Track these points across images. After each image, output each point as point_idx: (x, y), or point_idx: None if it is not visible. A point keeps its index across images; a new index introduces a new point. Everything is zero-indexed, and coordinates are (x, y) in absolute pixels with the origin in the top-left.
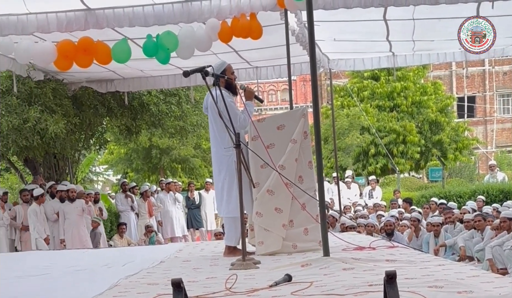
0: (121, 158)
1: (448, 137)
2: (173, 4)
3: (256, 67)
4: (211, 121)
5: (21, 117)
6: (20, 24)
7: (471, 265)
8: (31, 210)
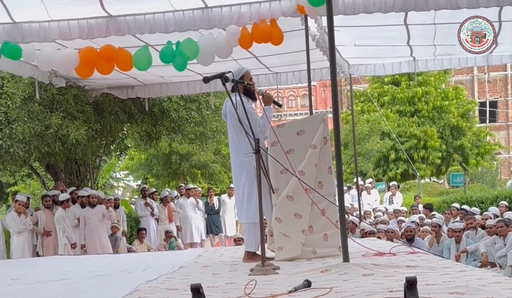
0: (141, 163)
1: (469, 143)
2: (194, 10)
3: (276, 73)
4: (230, 128)
5: (43, 123)
6: (42, 31)
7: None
8: (59, 215)
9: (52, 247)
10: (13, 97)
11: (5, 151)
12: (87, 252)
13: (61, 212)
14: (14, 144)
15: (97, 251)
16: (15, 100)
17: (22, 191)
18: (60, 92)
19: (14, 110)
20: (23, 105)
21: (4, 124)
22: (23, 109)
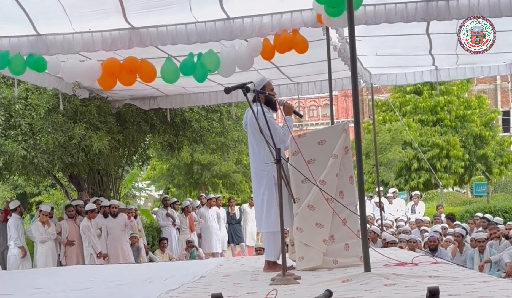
0: (163, 173)
1: (493, 152)
2: (215, 22)
3: (297, 83)
4: (251, 137)
5: (66, 134)
6: (66, 43)
7: None
8: (84, 225)
9: (75, 256)
10: (38, 109)
11: (29, 162)
12: (110, 262)
13: (87, 222)
14: (38, 155)
15: (119, 261)
16: (39, 111)
17: (45, 201)
18: (84, 103)
19: (38, 122)
20: (47, 117)
21: (28, 135)
22: (47, 120)
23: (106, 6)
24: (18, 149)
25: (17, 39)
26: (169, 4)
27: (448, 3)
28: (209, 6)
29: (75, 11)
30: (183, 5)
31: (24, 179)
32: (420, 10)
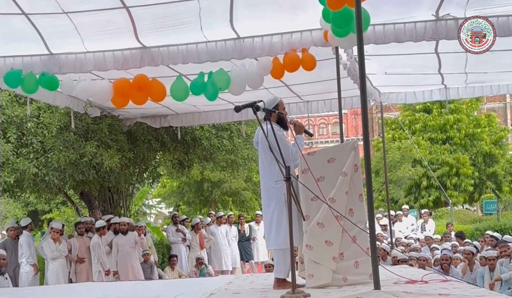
0: (173, 191)
1: (503, 170)
2: (226, 41)
3: (307, 101)
4: (261, 155)
5: (78, 152)
6: (78, 62)
7: None
8: (94, 242)
9: (85, 273)
10: (49, 127)
11: (41, 179)
12: (120, 279)
13: (97, 239)
14: (50, 172)
15: (129, 278)
16: (51, 129)
17: (56, 218)
18: (95, 121)
19: (50, 140)
20: (59, 135)
21: (40, 153)
22: (59, 138)
23: (118, 26)
24: (29, 167)
25: (30, 58)
26: (180, 24)
27: (457, 23)
28: (220, 26)
29: (87, 31)
30: (194, 25)
31: (36, 196)
32: (429, 30)
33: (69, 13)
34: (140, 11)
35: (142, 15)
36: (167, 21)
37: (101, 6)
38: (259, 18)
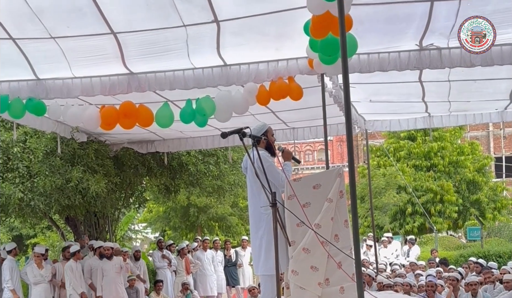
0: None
1: (486, 197)
2: (213, 68)
3: (293, 128)
4: (251, 181)
5: (64, 177)
6: (65, 87)
7: None
8: (68, 266)
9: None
10: (36, 152)
11: (26, 204)
12: None
13: (70, 263)
14: (35, 197)
15: None
16: (37, 154)
17: (41, 243)
18: (82, 146)
19: (36, 164)
20: (45, 160)
21: (26, 178)
22: (45, 163)
23: (105, 51)
24: (15, 191)
25: (17, 84)
26: (167, 51)
27: (440, 52)
28: (207, 53)
29: (74, 56)
30: (182, 52)
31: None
32: (413, 59)
33: (56, 38)
34: (127, 37)
35: (129, 41)
36: (154, 48)
37: (89, 32)
38: (245, 46)
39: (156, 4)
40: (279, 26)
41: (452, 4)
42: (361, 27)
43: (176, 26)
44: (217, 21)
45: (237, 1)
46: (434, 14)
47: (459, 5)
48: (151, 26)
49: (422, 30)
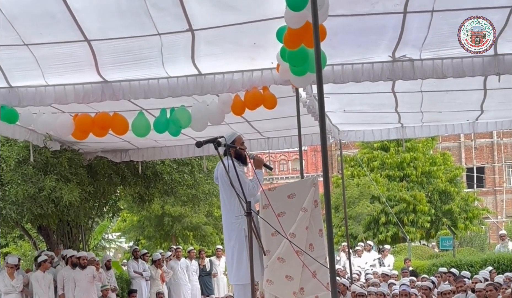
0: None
1: (458, 207)
2: (187, 77)
3: (267, 138)
4: (222, 190)
5: (36, 186)
6: (38, 95)
7: None
8: (34, 276)
9: None
10: (8, 160)
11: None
12: None
13: (37, 273)
14: (7, 206)
15: None
16: (9, 163)
17: (13, 252)
18: (55, 155)
19: (8, 173)
20: (17, 168)
21: None
22: (17, 172)
23: (79, 59)
24: None
25: None
26: (141, 59)
27: (412, 64)
28: (182, 62)
29: (48, 64)
30: (156, 61)
31: None
32: (386, 70)
33: (29, 45)
34: (101, 45)
35: (103, 49)
36: (128, 56)
37: (62, 39)
38: (220, 55)
39: (131, 11)
40: (254, 36)
41: (424, 16)
42: (335, 38)
43: (151, 35)
44: (192, 30)
45: (212, 10)
46: (406, 26)
47: (431, 18)
48: (125, 34)
49: (395, 42)
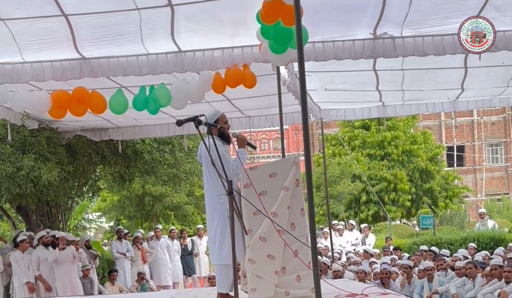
0: (114, 205)
1: (438, 186)
2: (167, 54)
3: (249, 117)
4: (205, 169)
5: (14, 165)
6: (15, 72)
7: None
8: (12, 257)
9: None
10: None
11: None
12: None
13: (16, 254)
14: None
15: (68, 293)
16: None
17: None
18: (33, 134)
19: None
20: None
21: None
22: None
23: (56, 35)
24: None
25: None
26: (120, 34)
27: (394, 41)
28: (161, 38)
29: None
30: (135, 36)
31: None
32: (367, 48)
33: (6, 20)
34: (79, 20)
35: (81, 24)
36: (107, 31)
37: (39, 13)
38: (200, 32)
39: None
40: (235, 13)
41: None
42: (316, 15)
43: (129, 9)
44: (171, 5)
45: None
46: (387, 3)
47: None
48: (103, 8)
49: (376, 19)
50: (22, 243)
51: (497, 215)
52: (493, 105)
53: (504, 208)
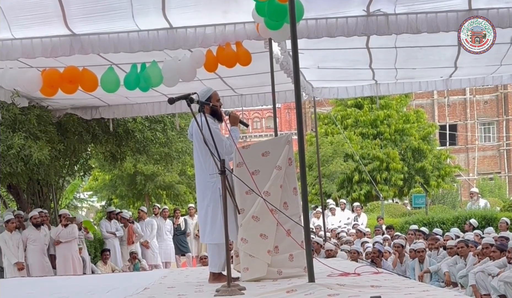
0: (105, 184)
1: (430, 165)
2: (158, 31)
3: (241, 95)
4: (196, 148)
5: (5, 144)
6: (4, 49)
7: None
8: (0, 237)
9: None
10: None
11: None
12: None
13: (3, 234)
14: None
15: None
16: None
17: None
18: (23, 112)
19: None
20: None
21: None
22: None
23: (46, 10)
24: None
25: None
26: (110, 10)
27: (387, 18)
28: (152, 14)
29: (14, 15)
30: (126, 12)
31: None
32: (360, 25)
33: None
34: None
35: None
36: (97, 6)
37: None
38: (192, 8)
39: None
40: None
41: None
42: None
43: None
44: None
45: None
46: None
47: None
48: None
49: None
50: (8, 223)
51: (489, 194)
52: (486, 83)
53: (496, 187)
